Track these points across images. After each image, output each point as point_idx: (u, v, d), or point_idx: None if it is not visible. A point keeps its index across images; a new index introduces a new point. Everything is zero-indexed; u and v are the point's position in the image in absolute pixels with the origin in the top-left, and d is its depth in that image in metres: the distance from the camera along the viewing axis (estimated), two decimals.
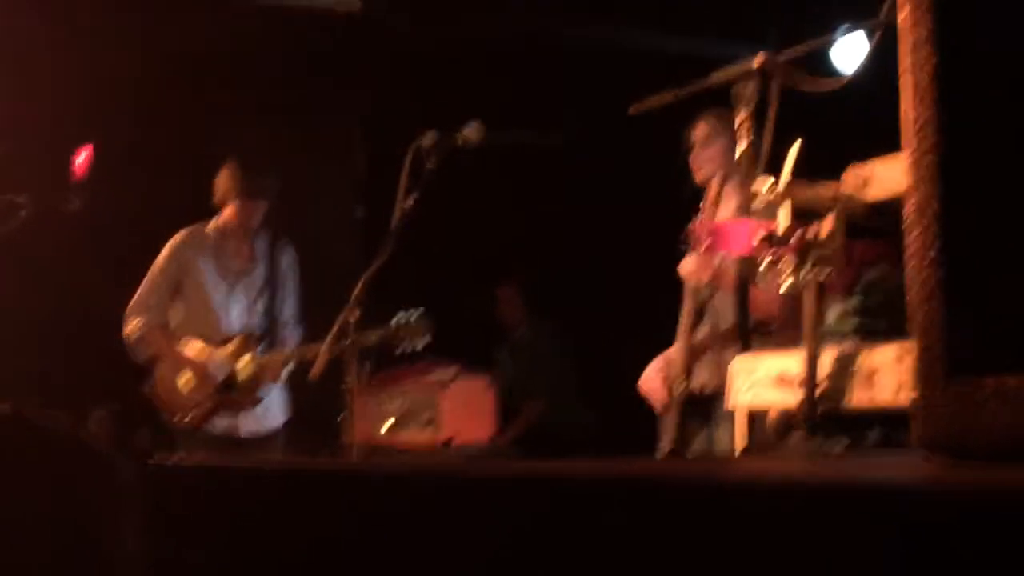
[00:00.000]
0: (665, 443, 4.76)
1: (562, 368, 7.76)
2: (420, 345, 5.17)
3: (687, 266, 4.48)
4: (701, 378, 4.69)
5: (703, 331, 4.71)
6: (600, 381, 7.12)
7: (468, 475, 1.34)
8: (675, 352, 4.76)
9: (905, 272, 1.15)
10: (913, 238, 1.15)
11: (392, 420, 6.43)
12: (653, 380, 4.85)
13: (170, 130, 7.20)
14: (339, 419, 4.66)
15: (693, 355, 4.69)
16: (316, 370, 4.58)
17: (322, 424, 6.09)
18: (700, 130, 4.87)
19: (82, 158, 7.69)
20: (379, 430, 6.45)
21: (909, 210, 1.18)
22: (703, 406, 4.68)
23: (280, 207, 5.91)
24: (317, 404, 6.00)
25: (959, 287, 1.07)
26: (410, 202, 4.43)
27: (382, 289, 4.54)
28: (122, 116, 7.18)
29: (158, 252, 5.89)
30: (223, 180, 5.82)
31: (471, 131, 4.55)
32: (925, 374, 1.09)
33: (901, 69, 1.12)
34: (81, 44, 6.86)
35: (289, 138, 7.79)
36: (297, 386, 5.81)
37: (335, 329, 4.44)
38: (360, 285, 4.41)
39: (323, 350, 4.51)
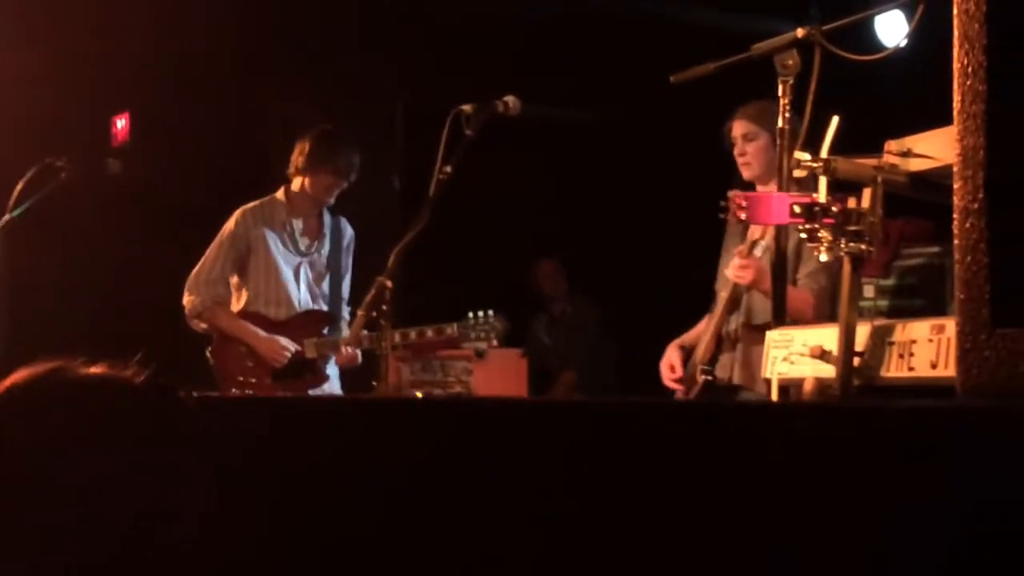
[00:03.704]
0: None
1: (600, 343, 7.78)
2: (489, 345, 5.13)
3: (733, 267, 4.48)
4: (725, 369, 4.70)
5: (734, 323, 4.72)
6: (637, 356, 7.12)
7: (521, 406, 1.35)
8: (703, 333, 4.79)
9: (954, 223, 1.15)
10: (959, 187, 1.15)
11: (424, 390, 6.45)
12: (667, 359, 4.87)
13: (209, 98, 7.23)
14: (372, 386, 4.67)
15: (721, 345, 4.71)
16: (351, 338, 4.60)
17: (354, 392, 6.13)
18: (740, 126, 4.78)
19: (122, 123, 7.75)
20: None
21: (955, 159, 1.18)
22: (722, 395, 4.69)
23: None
24: (350, 372, 6.03)
25: (1004, 236, 1.07)
26: (447, 171, 4.43)
27: (418, 258, 4.55)
28: (163, 83, 7.22)
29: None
30: (305, 150, 5.60)
31: (511, 100, 4.55)
32: (969, 323, 1.08)
33: (953, 15, 1.12)
34: (123, 10, 6.88)
35: (327, 107, 7.81)
36: None
37: (370, 297, 4.44)
38: (395, 254, 4.41)
39: (359, 315, 4.52)
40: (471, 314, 5.29)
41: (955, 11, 1.12)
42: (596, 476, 1.19)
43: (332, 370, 5.65)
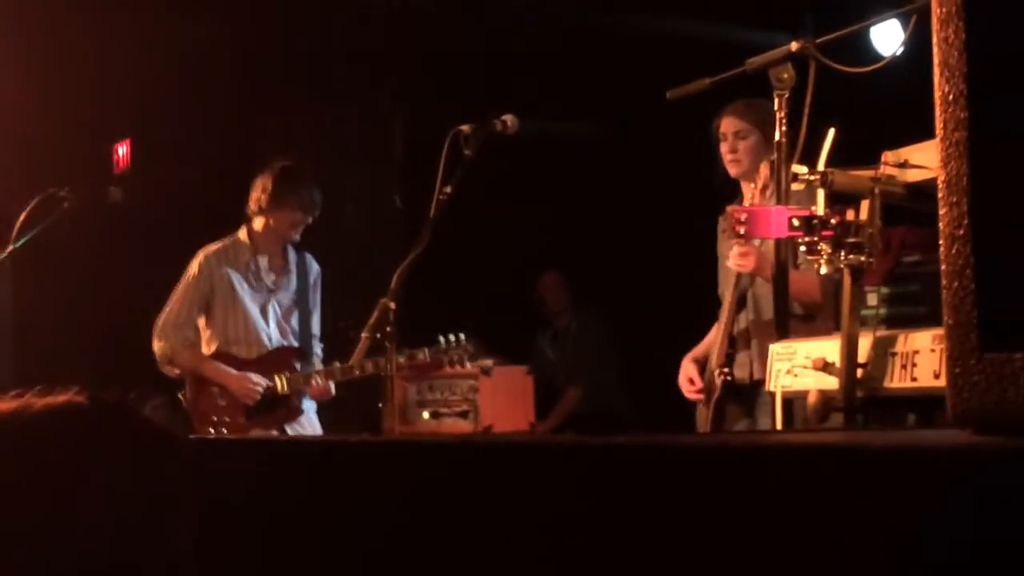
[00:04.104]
0: (702, 431, 4.79)
1: (605, 356, 7.78)
2: (466, 364, 5.13)
3: (733, 256, 4.47)
4: (744, 368, 4.69)
5: (744, 320, 4.72)
6: (642, 370, 7.13)
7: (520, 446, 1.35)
8: (715, 340, 4.78)
9: (940, 249, 1.16)
10: (944, 214, 1.17)
11: (430, 409, 6.48)
12: (684, 372, 4.87)
13: (210, 122, 7.25)
14: (378, 407, 4.67)
15: (734, 344, 4.71)
16: (355, 359, 4.61)
17: (361, 413, 6.14)
18: (731, 123, 4.80)
19: (123, 151, 7.77)
20: (417, 419, 6.49)
21: (940, 186, 1.19)
22: (745, 395, 4.68)
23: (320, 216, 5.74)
24: (356, 393, 6.04)
25: (990, 262, 1.08)
26: (447, 192, 4.44)
27: (422, 278, 4.55)
28: (163, 110, 7.25)
29: (200, 243, 5.80)
30: (267, 188, 5.56)
31: (509, 119, 4.56)
32: (957, 349, 1.10)
33: (933, 43, 1.14)
34: (122, 38, 6.91)
35: (328, 130, 7.84)
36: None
37: (373, 319, 4.44)
38: (397, 275, 4.42)
39: (363, 338, 4.52)
40: (442, 338, 5.28)
41: (934, 39, 1.14)
42: (594, 520, 1.19)
43: (307, 404, 5.66)
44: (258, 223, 5.63)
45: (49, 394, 1.47)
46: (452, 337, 5.05)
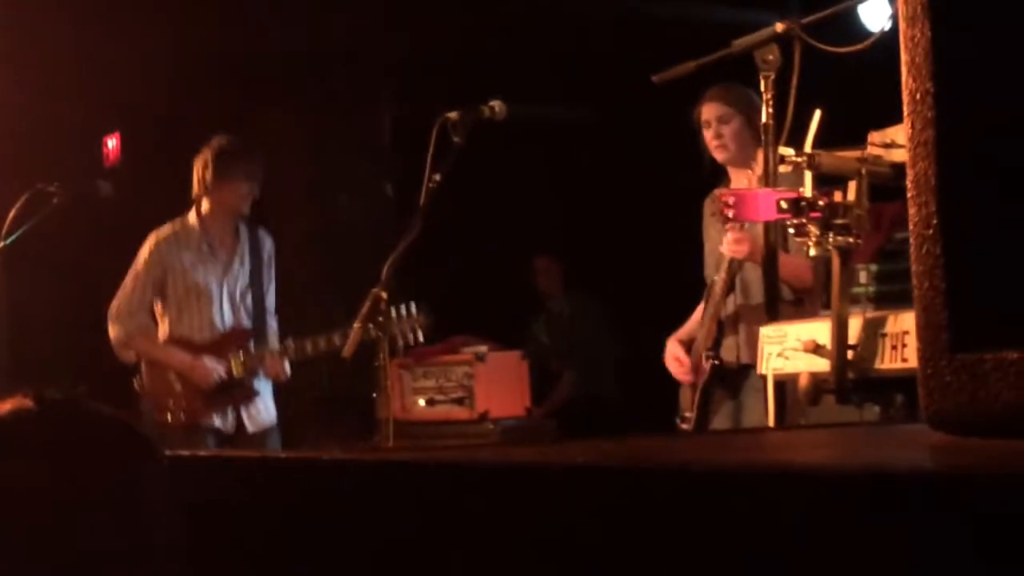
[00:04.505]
0: (687, 413, 4.82)
1: (599, 339, 7.78)
2: (419, 336, 5.04)
3: (727, 242, 4.46)
4: (731, 351, 4.70)
5: (732, 305, 4.72)
6: (634, 353, 7.13)
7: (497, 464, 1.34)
8: (699, 322, 4.79)
9: (911, 248, 1.15)
10: (913, 214, 1.16)
11: (427, 397, 6.47)
12: (671, 353, 4.88)
13: (200, 115, 7.23)
14: (373, 397, 4.67)
15: (722, 328, 4.72)
16: (348, 349, 4.59)
17: (355, 403, 6.13)
18: (713, 108, 4.77)
19: (112, 144, 7.75)
20: (413, 407, 6.48)
21: (908, 186, 1.19)
22: (732, 378, 4.70)
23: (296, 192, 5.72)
24: (350, 384, 6.04)
25: (960, 262, 1.07)
26: (436, 179, 4.42)
27: (414, 266, 4.55)
28: (152, 101, 7.23)
29: None
30: (206, 165, 5.48)
31: (497, 105, 4.54)
32: (928, 349, 1.09)
33: (900, 42, 1.13)
34: (110, 30, 6.89)
35: (317, 120, 7.83)
36: (329, 367, 5.81)
37: (365, 309, 4.43)
38: (388, 265, 4.40)
39: (355, 329, 4.51)
40: (392, 309, 5.13)
41: (901, 39, 1.13)
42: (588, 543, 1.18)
43: (263, 385, 5.61)
44: (205, 204, 5.57)
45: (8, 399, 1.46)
46: (403, 309, 4.94)
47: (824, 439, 1.76)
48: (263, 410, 5.61)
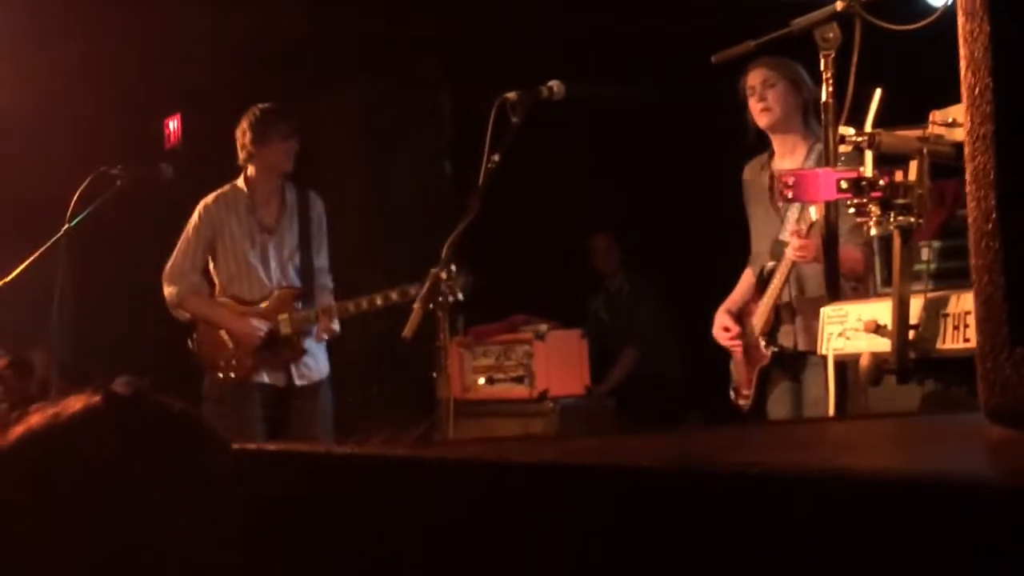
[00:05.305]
0: (744, 390, 4.86)
1: (658, 317, 7.76)
2: (459, 295, 5.07)
3: (792, 248, 4.50)
4: (788, 337, 4.74)
5: (787, 295, 4.75)
6: (692, 330, 7.11)
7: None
8: (760, 308, 4.82)
9: (969, 242, 1.15)
10: (971, 208, 1.15)
11: (487, 375, 6.49)
12: (719, 322, 4.95)
13: (260, 96, 7.26)
14: (433, 377, 4.69)
15: (779, 315, 4.75)
16: (409, 329, 4.60)
17: (416, 382, 6.16)
18: (758, 74, 4.81)
19: (174, 125, 7.82)
20: (474, 385, 6.51)
21: (967, 180, 1.18)
22: (790, 363, 4.73)
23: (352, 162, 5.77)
24: (411, 363, 6.07)
25: (1019, 256, 1.07)
26: (495, 160, 4.43)
27: (473, 246, 4.55)
28: (213, 83, 7.27)
29: None
30: (245, 132, 5.67)
31: (555, 85, 4.54)
32: (988, 343, 1.09)
33: (959, 37, 1.12)
34: (170, 12, 6.93)
35: (376, 100, 7.85)
36: (390, 345, 5.83)
37: (425, 289, 4.45)
38: (447, 245, 4.42)
39: (415, 309, 4.53)
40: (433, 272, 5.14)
41: (960, 32, 1.12)
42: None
43: (314, 345, 5.73)
44: (251, 169, 5.75)
45: (78, 396, 1.46)
46: (443, 272, 4.98)
47: (882, 434, 1.74)
48: (313, 366, 5.73)
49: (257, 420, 5.59)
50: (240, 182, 5.77)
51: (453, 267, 4.80)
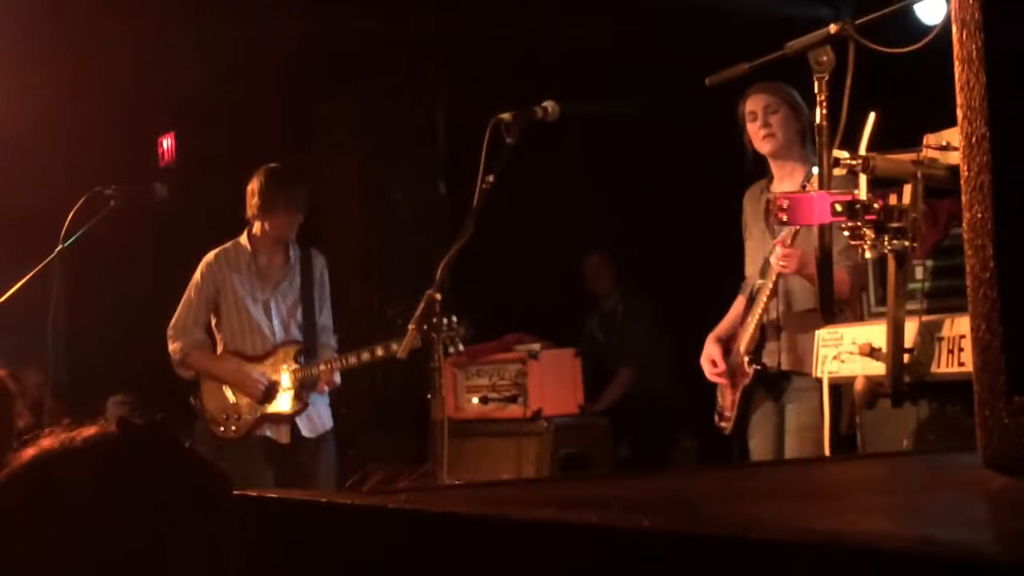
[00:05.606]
0: (727, 412, 4.86)
1: (653, 336, 7.75)
2: (459, 347, 5.11)
3: (776, 256, 4.50)
4: (772, 356, 4.73)
5: (774, 311, 4.74)
6: (686, 349, 7.11)
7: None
8: (738, 317, 4.83)
9: (967, 290, 1.15)
10: (969, 256, 1.15)
11: (480, 395, 6.48)
12: (707, 354, 4.93)
13: (254, 116, 7.28)
14: (427, 399, 4.68)
15: (764, 333, 4.74)
16: (403, 351, 4.60)
17: (409, 404, 6.16)
18: (758, 100, 4.81)
19: (167, 144, 7.81)
20: (467, 405, 6.50)
21: (965, 228, 1.18)
22: (773, 383, 4.73)
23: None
24: (404, 385, 6.06)
25: (1017, 304, 1.07)
26: (489, 180, 4.42)
27: (468, 266, 4.55)
28: (207, 102, 7.27)
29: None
30: (254, 194, 5.75)
31: (550, 105, 4.54)
32: (986, 391, 1.08)
33: (956, 87, 1.12)
34: (164, 30, 6.93)
35: (372, 120, 7.85)
36: (383, 368, 5.84)
37: (420, 311, 4.44)
38: (442, 266, 4.41)
39: (410, 330, 4.52)
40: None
41: (957, 84, 1.12)
42: None
43: (317, 398, 5.80)
44: (256, 228, 5.84)
45: (86, 424, 1.48)
46: (444, 320, 5.01)
47: (875, 481, 1.73)
48: (316, 418, 5.79)
49: (263, 472, 5.64)
50: (244, 239, 5.85)
51: (454, 317, 4.85)
